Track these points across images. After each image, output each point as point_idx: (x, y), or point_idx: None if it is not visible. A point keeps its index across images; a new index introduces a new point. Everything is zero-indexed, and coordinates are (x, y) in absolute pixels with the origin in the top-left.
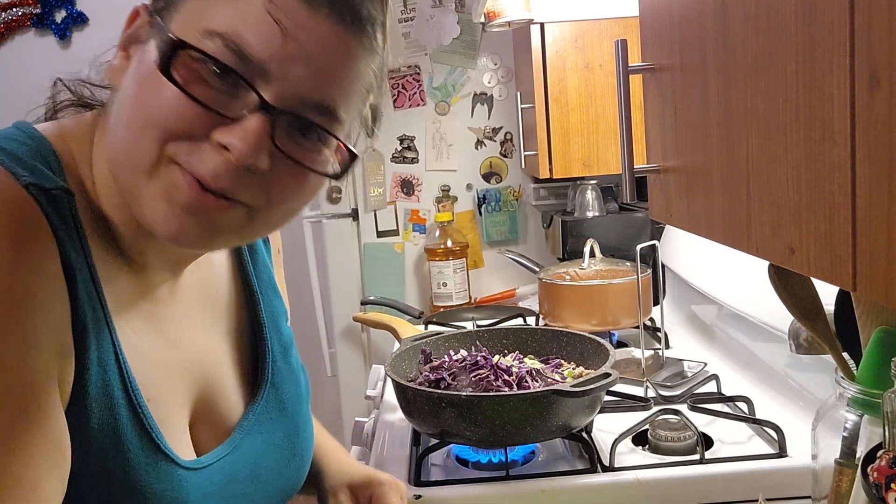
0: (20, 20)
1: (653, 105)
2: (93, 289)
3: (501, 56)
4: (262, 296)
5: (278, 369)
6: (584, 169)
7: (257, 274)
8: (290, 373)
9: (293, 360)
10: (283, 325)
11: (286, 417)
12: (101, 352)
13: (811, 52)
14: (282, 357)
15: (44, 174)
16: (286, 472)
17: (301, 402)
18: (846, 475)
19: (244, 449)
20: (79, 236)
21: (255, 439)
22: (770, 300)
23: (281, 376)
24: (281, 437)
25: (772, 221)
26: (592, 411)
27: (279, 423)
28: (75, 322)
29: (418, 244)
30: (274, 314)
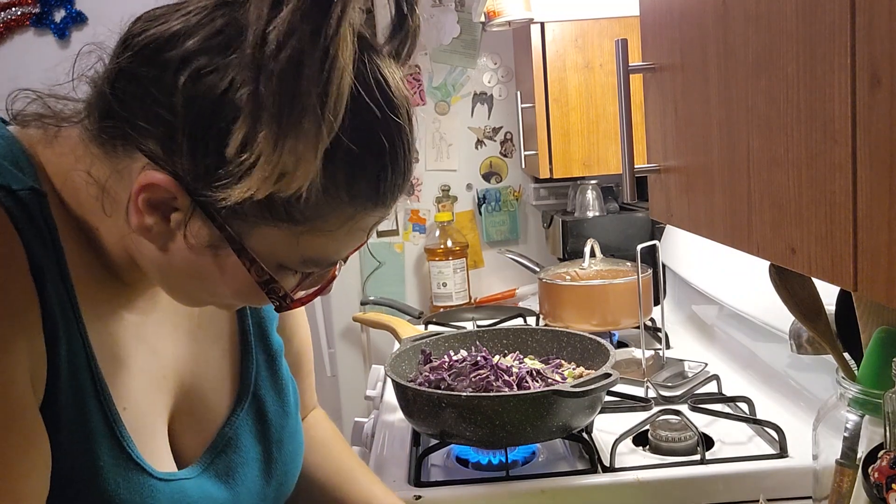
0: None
1: (653, 105)
2: (64, 293)
3: (501, 55)
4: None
5: (262, 379)
6: (585, 169)
7: None
8: (274, 384)
9: (281, 371)
10: (272, 333)
11: (268, 430)
12: (71, 357)
13: (812, 52)
14: (266, 367)
15: (12, 175)
16: (265, 492)
17: (287, 415)
18: (847, 475)
19: (220, 465)
20: (50, 237)
21: (231, 455)
22: (771, 300)
23: (263, 387)
24: (260, 452)
25: (773, 221)
26: (593, 412)
27: (260, 436)
28: (45, 326)
29: (418, 244)
30: (262, 322)
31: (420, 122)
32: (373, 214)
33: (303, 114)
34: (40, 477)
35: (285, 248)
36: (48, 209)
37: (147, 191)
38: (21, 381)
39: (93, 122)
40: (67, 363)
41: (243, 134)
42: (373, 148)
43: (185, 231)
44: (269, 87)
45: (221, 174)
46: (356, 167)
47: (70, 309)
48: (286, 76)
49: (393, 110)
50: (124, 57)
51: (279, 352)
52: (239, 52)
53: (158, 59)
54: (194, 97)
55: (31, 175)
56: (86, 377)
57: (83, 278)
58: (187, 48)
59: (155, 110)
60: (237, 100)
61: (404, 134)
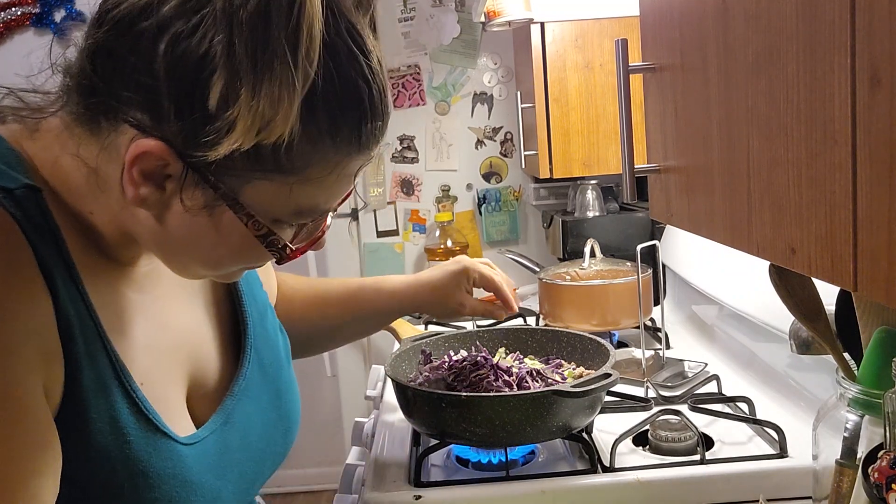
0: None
1: (653, 105)
2: (73, 285)
3: (501, 55)
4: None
5: (258, 335)
6: (585, 169)
7: None
8: (266, 337)
9: (269, 325)
10: (257, 291)
11: (268, 381)
12: (89, 346)
13: (812, 52)
14: (259, 322)
15: (5, 174)
16: (274, 436)
17: (281, 366)
18: (847, 476)
19: (235, 417)
20: (51, 233)
21: (245, 406)
22: (771, 300)
23: (259, 341)
24: (266, 401)
25: (773, 221)
26: (593, 412)
27: (263, 387)
28: (60, 321)
29: (418, 244)
30: (248, 280)
31: (420, 123)
32: (357, 159)
33: (274, 59)
34: (50, 475)
35: (278, 200)
36: (45, 204)
37: (140, 161)
38: (29, 382)
39: (74, 103)
40: (86, 352)
41: (222, 85)
42: (352, 93)
43: (180, 196)
44: (241, 36)
45: (208, 131)
46: (337, 113)
47: (80, 300)
48: (256, 24)
49: (366, 56)
50: (101, 31)
51: (265, 306)
52: (210, 7)
53: (135, 29)
54: (176, 61)
55: (22, 171)
56: (104, 362)
57: (87, 266)
58: (163, 15)
59: (137, 79)
60: (213, 54)
61: (379, 78)
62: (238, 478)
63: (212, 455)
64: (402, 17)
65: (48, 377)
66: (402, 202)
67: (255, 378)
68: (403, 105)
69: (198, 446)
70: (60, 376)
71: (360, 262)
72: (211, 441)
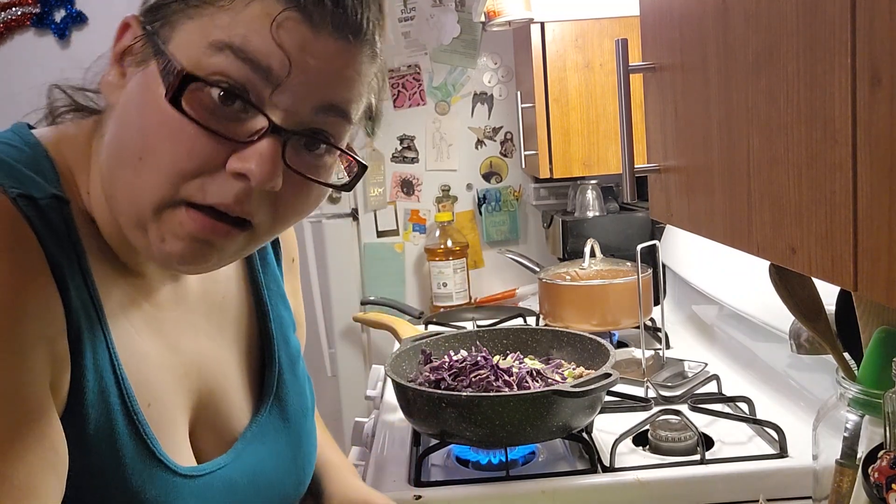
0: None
1: (653, 104)
2: (87, 296)
3: (501, 55)
4: (271, 307)
5: (284, 381)
6: (585, 169)
7: (267, 284)
8: (295, 385)
9: (300, 372)
10: (291, 336)
11: (289, 429)
12: (96, 358)
13: (812, 52)
14: (289, 369)
15: (35, 183)
16: (286, 483)
17: (305, 415)
18: (847, 476)
19: (245, 459)
20: (72, 244)
21: (257, 449)
22: (771, 300)
23: (286, 388)
24: (283, 448)
25: (773, 221)
26: (593, 412)
27: (282, 435)
28: (70, 330)
29: (418, 244)
30: (283, 325)
31: (420, 123)
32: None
33: None
34: (56, 476)
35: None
36: (70, 215)
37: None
38: (36, 383)
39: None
40: (93, 364)
41: None
42: None
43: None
44: None
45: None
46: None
47: (93, 309)
48: None
49: None
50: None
51: (298, 353)
52: None
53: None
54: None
55: (53, 181)
56: (110, 377)
57: (105, 279)
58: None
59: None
60: None
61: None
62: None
63: (214, 491)
64: (402, 16)
65: (55, 384)
66: (402, 202)
67: (274, 423)
68: (403, 105)
69: (198, 480)
70: (66, 385)
71: (360, 263)
72: (215, 478)
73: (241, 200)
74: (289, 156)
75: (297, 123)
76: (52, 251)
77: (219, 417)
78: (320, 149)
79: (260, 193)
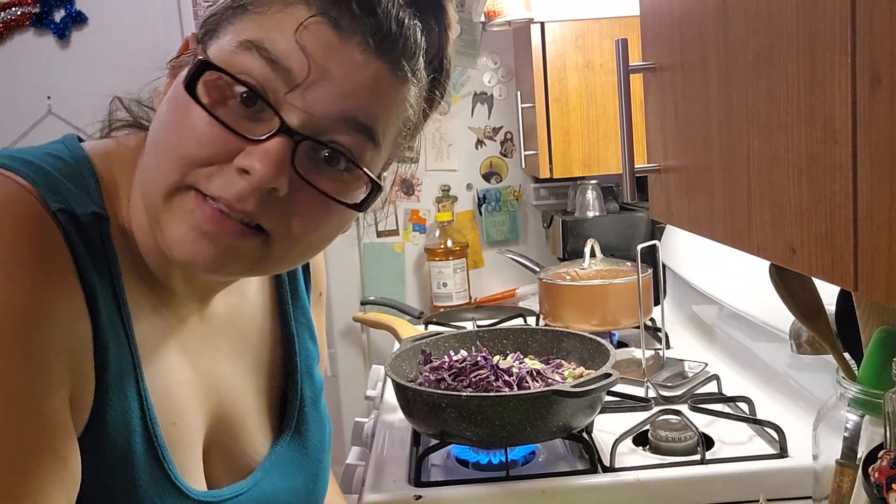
0: (19, 20)
1: (653, 104)
2: (117, 314)
3: (502, 55)
4: (298, 338)
5: (306, 414)
6: (585, 168)
7: (296, 316)
8: (317, 419)
9: (321, 408)
10: (315, 371)
11: (308, 463)
12: (122, 378)
13: (812, 52)
14: (311, 403)
15: (77, 198)
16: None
17: (324, 451)
18: (847, 475)
19: (262, 487)
20: (108, 262)
21: (274, 480)
22: (771, 300)
23: (307, 423)
24: (301, 482)
25: (773, 221)
26: (593, 412)
27: (301, 468)
28: (97, 346)
29: (418, 244)
30: (308, 357)
31: None
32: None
33: None
34: (66, 496)
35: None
36: (108, 232)
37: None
38: (55, 394)
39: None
40: (118, 383)
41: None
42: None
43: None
44: None
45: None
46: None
47: (122, 328)
48: None
49: None
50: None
51: (321, 388)
52: None
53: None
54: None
55: (97, 198)
56: (133, 398)
57: (138, 300)
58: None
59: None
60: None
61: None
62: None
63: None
64: None
65: (76, 399)
66: (402, 202)
67: (292, 456)
68: None
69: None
70: (89, 402)
71: (360, 263)
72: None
73: (242, 198)
74: (301, 162)
75: (313, 131)
76: (85, 267)
77: (234, 443)
78: (340, 164)
79: (267, 197)
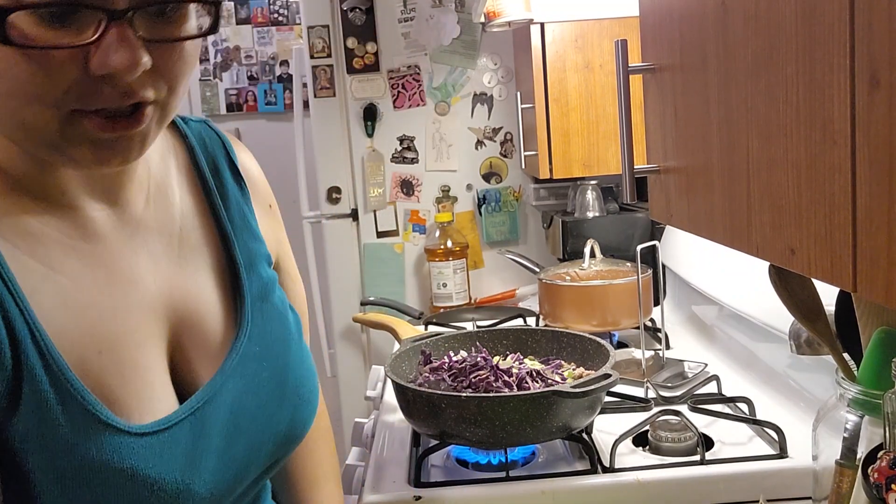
0: None
1: (653, 105)
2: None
3: (501, 56)
4: (235, 236)
5: (258, 309)
6: (585, 169)
7: (230, 216)
8: (273, 312)
9: (277, 300)
10: (262, 268)
11: (273, 357)
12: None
13: (811, 53)
14: (260, 297)
15: None
16: (276, 417)
17: (288, 343)
18: (847, 476)
19: (222, 398)
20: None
21: (235, 384)
22: (770, 301)
23: (263, 317)
24: (267, 379)
25: (772, 222)
26: (593, 412)
27: (263, 365)
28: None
29: (418, 244)
30: (251, 256)
31: (420, 123)
32: None
33: None
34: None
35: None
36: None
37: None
38: None
39: None
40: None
41: None
42: None
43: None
44: None
45: None
46: None
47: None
48: None
49: None
50: None
51: (272, 282)
52: None
53: None
54: None
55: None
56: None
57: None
58: None
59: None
60: None
61: None
62: (220, 466)
63: (183, 443)
64: (401, 17)
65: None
66: (401, 202)
67: (252, 353)
68: (403, 105)
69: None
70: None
71: (360, 263)
72: (181, 429)
73: (128, 94)
74: (143, 31)
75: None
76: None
77: (201, 346)
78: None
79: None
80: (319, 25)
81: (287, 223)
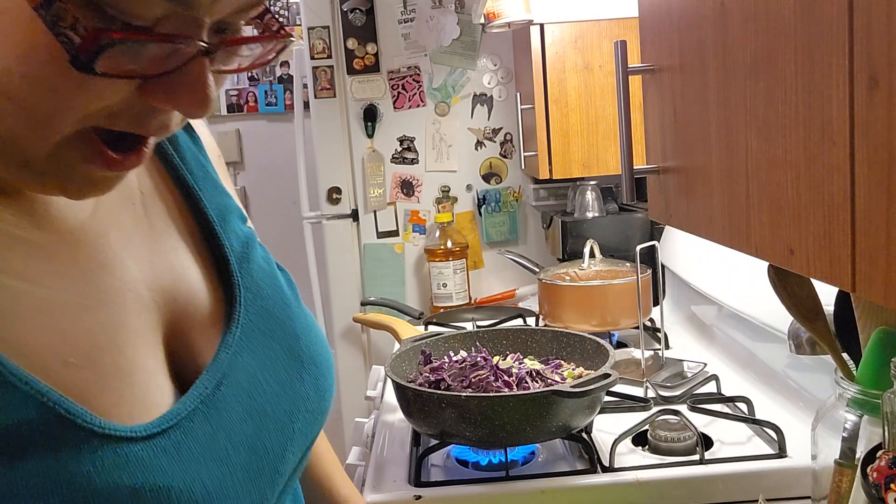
0: None
1: (652, 106)
2: None
3: (501, 57)
4: (200, 189)
5: (246, 270)
6: (584, 169)
7: (188, 169)
8: (261, 271)
9: (260, 259)
10: (236, 224)
11: (278, 323)
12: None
13: (810, 54)
14: (244, 257)
15: None
16: (300, 391)
17: (289, 304)
18: (846, 475)
19: (233, 378)
20: None
21: (245, 362)
22: (770, 301)
23: (252, 277)
24: (279, 350)
25: (771, 222)
26: (592, 412)
27: (274, 333)
28: None
29: (418, 245)
30: (222, 210)
31: (420, 124)
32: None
33: None
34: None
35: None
36: None
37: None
38: None
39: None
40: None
41: None
42: None
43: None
44: None
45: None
46: None
47: None
48: None
49: None
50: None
51: (251, 237)
52: None
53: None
54: None
55: None
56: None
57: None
58: None
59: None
60: None
61: None
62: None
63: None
64: (401, 18)
65: None
66: (402, 203)
67: (256, 323)
68: (403, 106)
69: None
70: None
71: (360, 263)
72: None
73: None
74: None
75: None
76: None
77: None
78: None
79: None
80: (320, 26)
81: (287, 223)
